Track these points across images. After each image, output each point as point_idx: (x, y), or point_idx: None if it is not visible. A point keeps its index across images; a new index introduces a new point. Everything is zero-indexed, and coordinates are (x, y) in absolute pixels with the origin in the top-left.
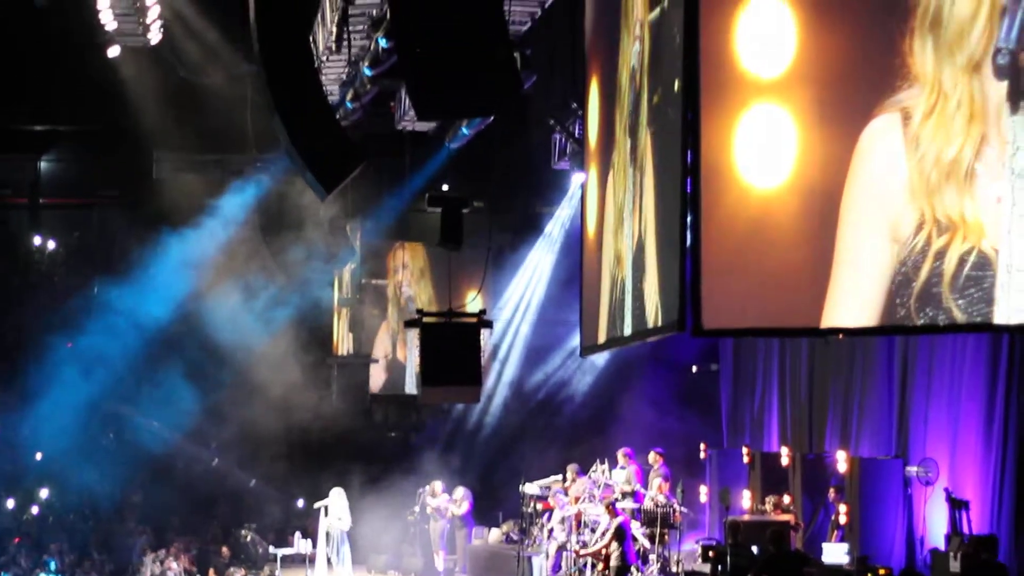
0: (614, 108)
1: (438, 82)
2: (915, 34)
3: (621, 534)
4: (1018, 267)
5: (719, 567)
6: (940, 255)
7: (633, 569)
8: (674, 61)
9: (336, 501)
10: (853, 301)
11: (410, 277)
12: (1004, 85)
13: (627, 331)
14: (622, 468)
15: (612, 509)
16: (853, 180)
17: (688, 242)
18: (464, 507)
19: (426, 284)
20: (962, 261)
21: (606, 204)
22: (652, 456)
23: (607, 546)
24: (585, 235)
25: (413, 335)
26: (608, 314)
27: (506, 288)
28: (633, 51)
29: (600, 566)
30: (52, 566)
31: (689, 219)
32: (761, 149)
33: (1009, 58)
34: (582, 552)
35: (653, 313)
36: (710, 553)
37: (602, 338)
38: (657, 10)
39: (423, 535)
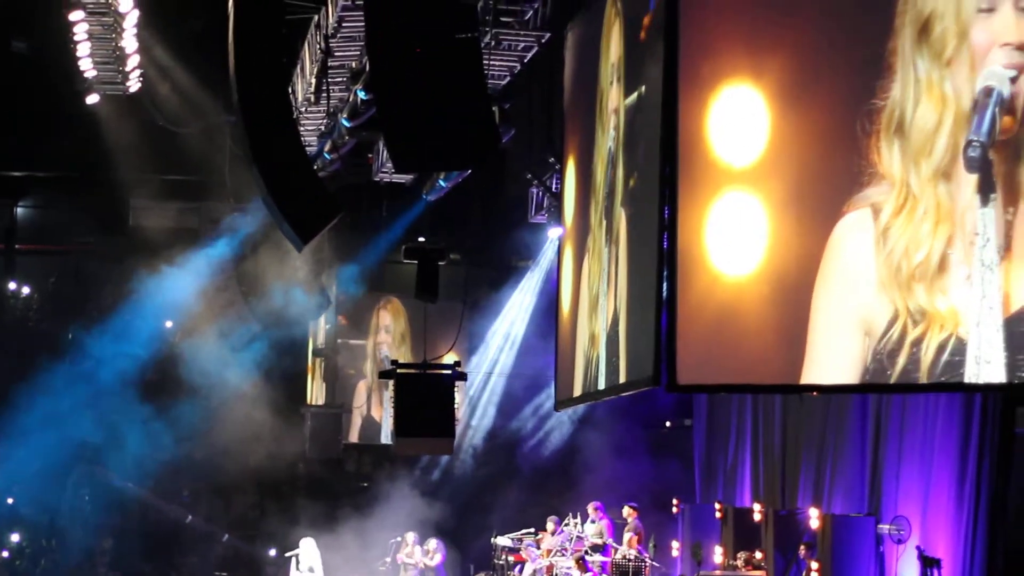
0: (590, 188)
1: (416, 135)
2: (881, 136)
3: None
4: (986, 359)
5: None
6: (916, 344)
7: None
8: (651, 147)
9: (308, 551)
10: (832, 367)
11: (390, 340)
12: (974, 178)
13: (601, 385)
14: (592, 522)
15: (582, 564)
16: (825, 272)
17: (664, 298)
18: (437, 559)
19: (405, 347)
20: (940, 349)
21: (581, 283)
22: (626, 510)
23: None
24: (560, 307)
25: (388, 388)
26: (583, 370)
27: (481, 340)
28: (609, 135)
29: None
30: None
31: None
32: (732, 235)
33: (980, 151)
34: None
35: (628, 368)
36: None
37: (577, 392)
38: (634, 95)
39: None
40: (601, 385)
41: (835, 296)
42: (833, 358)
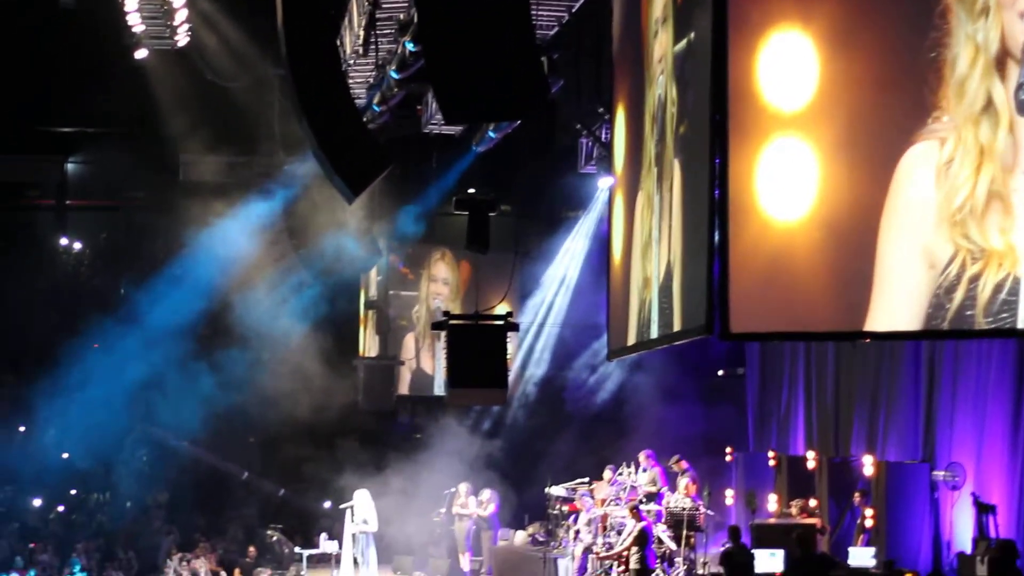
0: (639, 137)
1: (465, 86)
2: (936, 78)
3: (643, 538)
4: None
5: (729, 567)
6: (974, 281)
7: (659, 571)
8: (701, 93)
9: (361, 503)
10: (888, 313)
11: (446, 292)
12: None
13: (654, 335)
14: (644, 470)
15: (636, 512)
16: (892, 206)
17: (716, 245)
18: (490, 509)
19: (458, 298)
20: (998, 288)
21: (632, 233)
22: (674, 461)
23: (627, 549)
24: (611, 256)
25: (439, 339)
26: (636, 320)
27: (533, 291)
28: (658, 83)
29: (621, 568)
30: (77, 567)
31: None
32: (784, 181)
33: None
34: (602, 555)
35: (680, 317)
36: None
37: (629, 342)
38: (684, 42)
39: (449, 537)
40: (654, 334)
41: (901, 229)
42: (898, 294)
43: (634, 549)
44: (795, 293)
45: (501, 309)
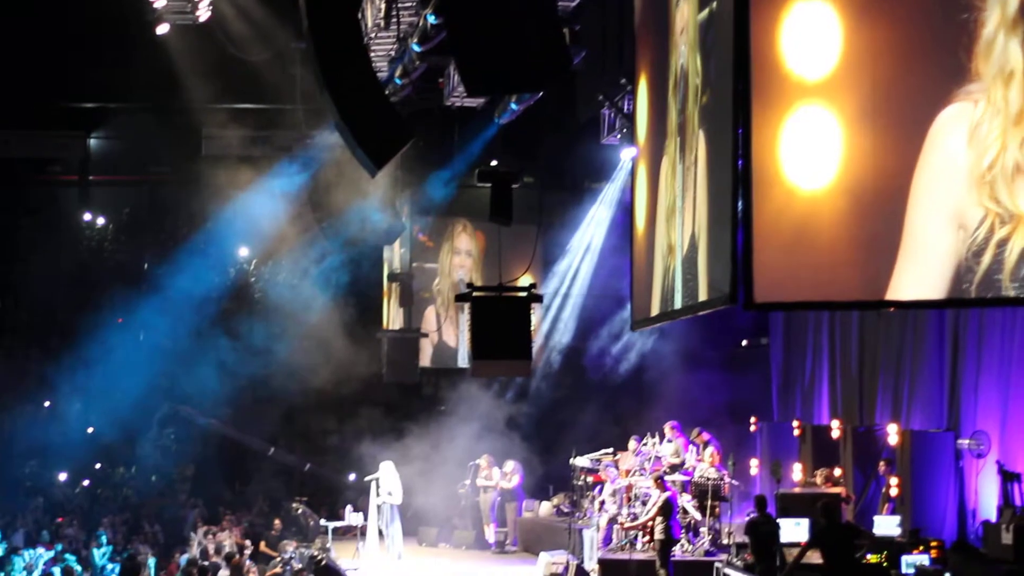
0: (662, 107)
1: (487, 58)
2: (968, 43)
3: (668, 509)
4: None
5: (754, 537)
6: (1002, 245)
7: (684, 540)
8: (724, 62)
9: (386, 475)
10: (914, 280)
11: (469, 264)
12: None
13: (678, 305)
14: (669, 441)
15: (661, 483)
16: (924, 167)
17: (740, 215)
18: (515, 480)
19: (481, 270)
20: None
21: (656, 204)
22: (695, 434)
23: (652, 520)
24: (635, 226)
25: (463, 311)
26: (660, 291)
27: (556, 262)
28: (680, 52)
29: (646, 539)
30: (103, 539)
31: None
32: (807, 150)
33: None
34: (627, 525)
35: (705, 287)
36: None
37: (653, 312)
38: (706, 11)
39: (474, 508)
40: (678, 304)
41: (933, 191)
42: (925, 260)
43: (659, 519)
44: (820, 262)
45: (524, 281)
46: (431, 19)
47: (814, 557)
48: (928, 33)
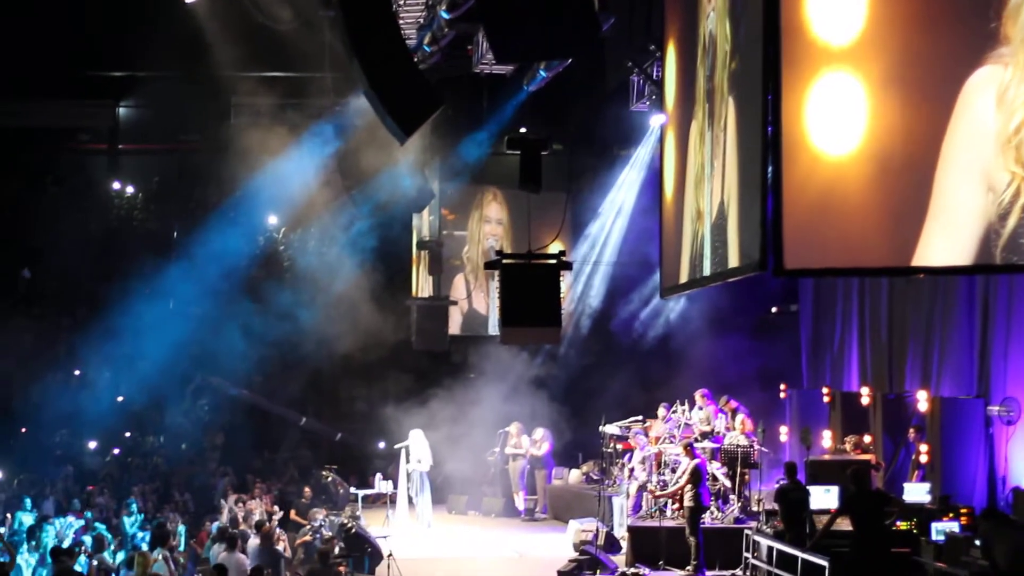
0: (691, 72)
1: (516, 24)
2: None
3: (697, 476)
4: None
5: (784, 504)
6: None
7: (714, 508)
8: (753, 28)
9: (416, 442)
10: (943, 245)
11: (500, 232)
12: None
13: (708, 272)
14: (700, 409)
15: (690, 450)
16: (954, 131)
17: (770, 182)
18: (544, 448)
19: (510, 237)
20: None
21: (687, 164)
22: (723, 402)
23: (682, 488)
24: (663, 192)
25: (492, 279)
26: (689, 257)
27: (586, 229)
28: (709, 18)
29: (676, 506)
30: (134, 508)
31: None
32: (834, 116)
33: None
34: (659, 494)
35: (735, 254)
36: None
37: (683, 279)
38: None
39: (503, 476)
40: (707, 271)
41: (962, 155)
42: (953, 224)
43: (688, 487)
44: (849, 228)
45: (554, 248)
46: None
47: (844, 524)
48: (954, 6)
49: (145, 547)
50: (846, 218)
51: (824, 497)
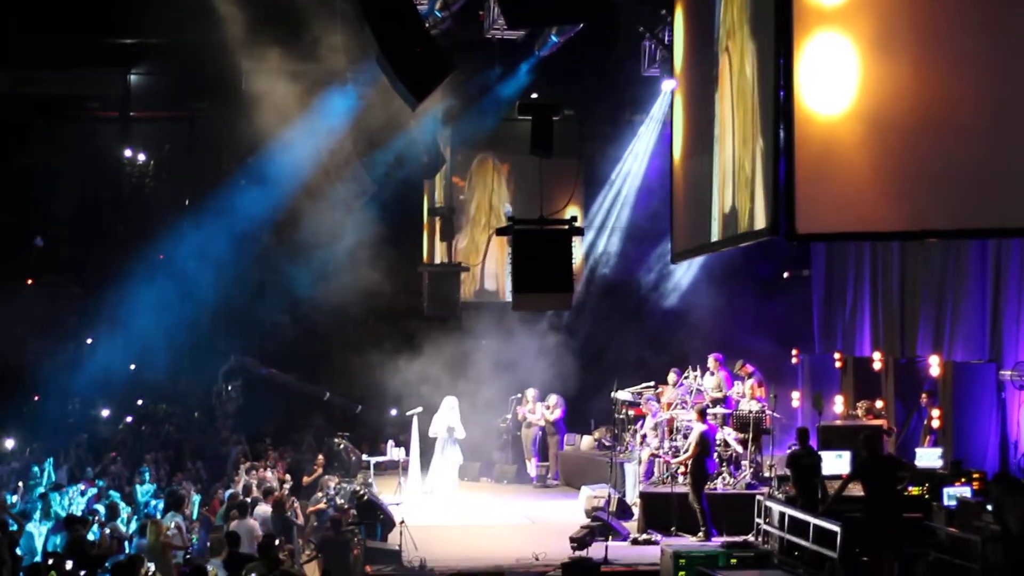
0: (702, 36)
1: None
2: None
3: (704, 443)
4: None
5: (796, 470)
6: None
7: (725, 473)
8: None
9: (448, 411)
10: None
11: (509, 197)
12: None
13: (719, 236)
14: (712, 374)
15: (702, 416)
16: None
17: (782, 146)
18: (556, 414)
19: (522, 202)
20: None
21: (697, 129)
22: (739, 367)
23: (693, 455)
24: (674, 157)
25: (505, 244)
26: (700, 222)
27: (598, 194)
28: None
29: (683, 470)
30: (147, 476)
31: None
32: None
33: None
34: (673, 462)
35: (747, 218)
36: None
37: (694, 243)
38: None
39: (515, 442)
40: (719, 236)
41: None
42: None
43: (696, 451)
44: (860, 193)
45: (566, 213)
46: None
47: (856, 489)
48: None
49: (158, 515)
50: (857, 182)
51: (836, 462)
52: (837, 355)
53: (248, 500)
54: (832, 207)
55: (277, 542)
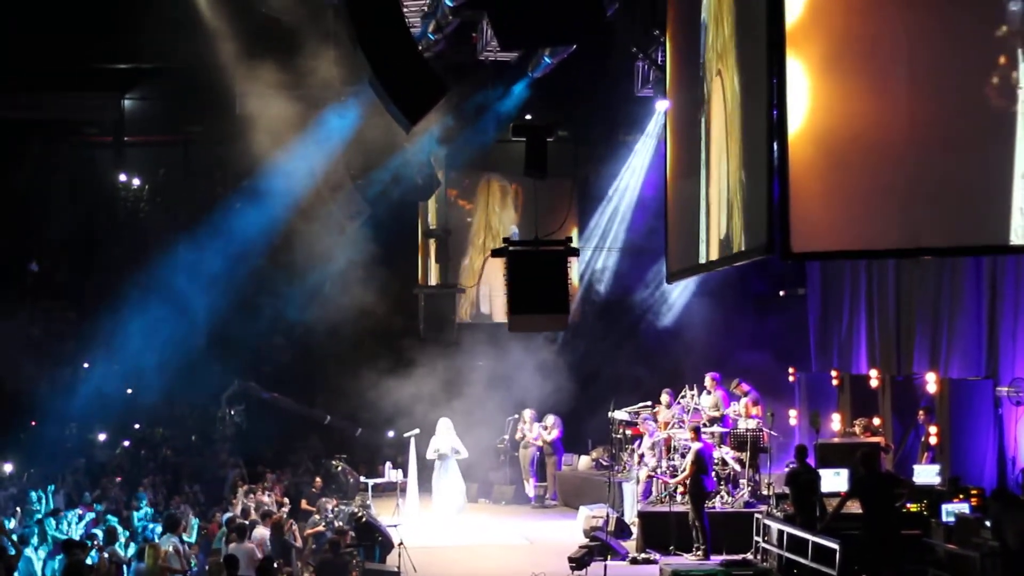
0: (693, 56)
1: (520, 11)
2: None
3: (700, 461)
4: None
5: (791, 490)
6: None
7: (723, 492)
8: (757, 12)
9: (446, 432)
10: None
11: (508, 219)
12: None
13: (715, 255)
14: (709, 393)
15: (696, 434)
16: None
17: (776, 165)
18: (554, 434)
19: (517, 224)
20: None
21: (691, 149)
22: (735, 385)
23: (691, 474)
24: (668, 177)
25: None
26: (695, 241)
27: (593, 215)
28: (707, 3)
29: (682, 490)
30: (143, 502)
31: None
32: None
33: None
34: (671, 481)
35: (741, 237)
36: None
37: (689, 263)
38: None
39: (513, 463)
40: (714, 255)
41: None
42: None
43: (692, 470)
44: (855, 211)
45: (562, 234)
46: None
47: (854, 507)
48: None
49: (156, 539)
50: (852, 200)
51: (834, 480)
52: (834, 373)
53: (246, 523)
54: (826, 225)
55: (276, 565)
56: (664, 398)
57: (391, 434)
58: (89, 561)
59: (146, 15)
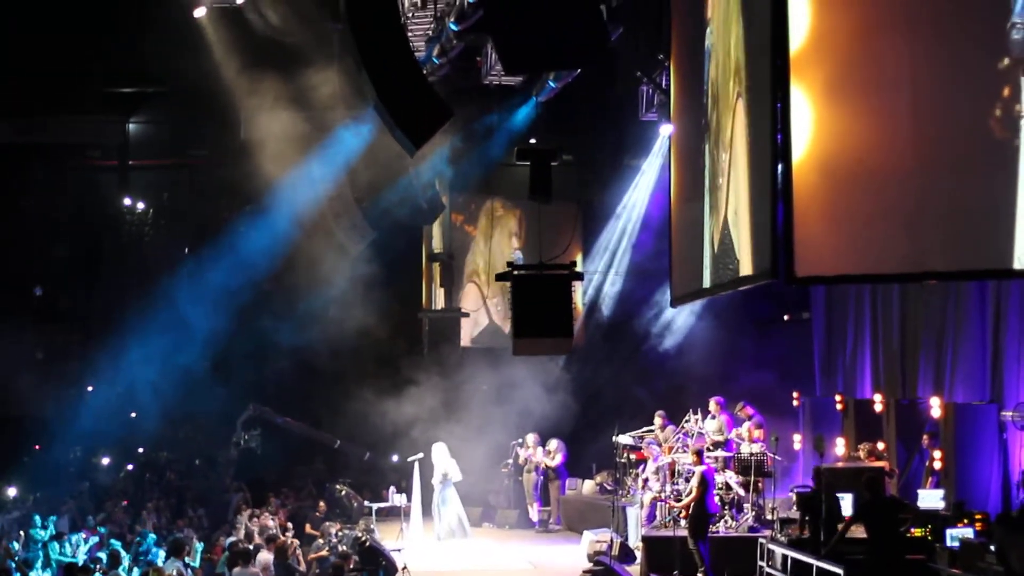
0: (698, 81)
1: (525, 35)
2: None
3: (704, 483)
4: None
5: (807, 514)
6: None
7: (727, 516)
8: (762, 39)
9: (439, 457)
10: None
11: (515, 243)
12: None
13: (719, 280)
14: (713, 418)
15: (699, 456)
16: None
17: (780, 190)
18: (558, 459)
19: (522, 248)
20: None
21: (695, 174)
22: (739, 408)
23: (696, 497)
24: (673, 201)
25: (504, 289)
26: (699, 265)
27: (597, 239)
28: (716, 27)
29: (683, 514)
30: (148, 524)
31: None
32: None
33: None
34: (677, 506)
35: (746, 262)
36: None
37: (694, 287)
38: None
39: (517, 487)
40: (718, 280)
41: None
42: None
43: (696, 493)
44: (860, 234)
45: (567, 258)
46: None
47: (858, 531)
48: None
49: (160, 563)
50: (856, 225)
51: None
52: (838, 397)
53: (250, 547)
54: (831, 250)
55: None
56: (657, 420)
57: (395, 459)
58: None
59: (151, 39)
